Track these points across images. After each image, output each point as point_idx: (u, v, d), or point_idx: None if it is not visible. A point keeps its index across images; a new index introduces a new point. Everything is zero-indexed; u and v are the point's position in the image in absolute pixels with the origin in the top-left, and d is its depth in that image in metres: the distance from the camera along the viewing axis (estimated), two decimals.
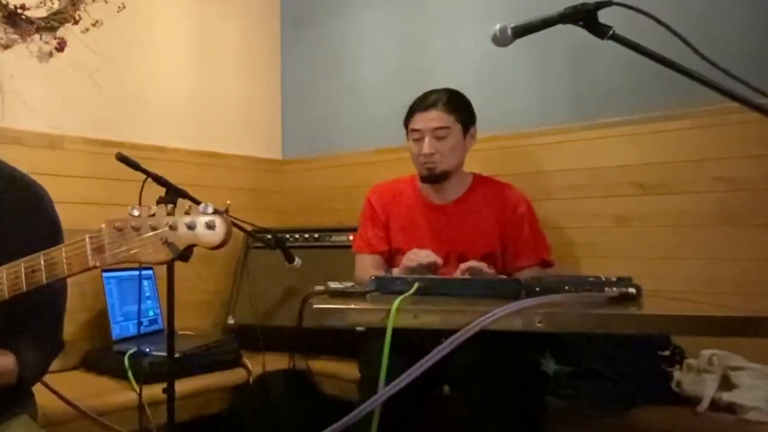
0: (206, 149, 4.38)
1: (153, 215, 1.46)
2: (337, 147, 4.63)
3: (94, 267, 1.52)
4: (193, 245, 1.44)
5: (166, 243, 1.42)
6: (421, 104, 3.14)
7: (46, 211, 2.06)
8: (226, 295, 4.11)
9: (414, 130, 3.14)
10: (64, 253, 1.55)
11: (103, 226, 1.49)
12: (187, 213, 1.44)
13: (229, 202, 1.55)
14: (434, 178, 3.17)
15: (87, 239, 1.51)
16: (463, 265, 2.84)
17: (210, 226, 1.41)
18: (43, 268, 1.56)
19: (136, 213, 1.47)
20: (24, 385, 2.04)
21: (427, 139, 3.08)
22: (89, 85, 3.78)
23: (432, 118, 3.09)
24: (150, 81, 4.12)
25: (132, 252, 1.46)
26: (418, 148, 3.13)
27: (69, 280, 1.74)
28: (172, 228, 1.42)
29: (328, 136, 4.71)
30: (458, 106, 3.14)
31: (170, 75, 4.26)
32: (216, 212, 1.44)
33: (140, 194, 2.67)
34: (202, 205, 1.43)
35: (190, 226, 1.41)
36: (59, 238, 2.05)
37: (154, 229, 1.44)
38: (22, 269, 1.59)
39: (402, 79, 4.30)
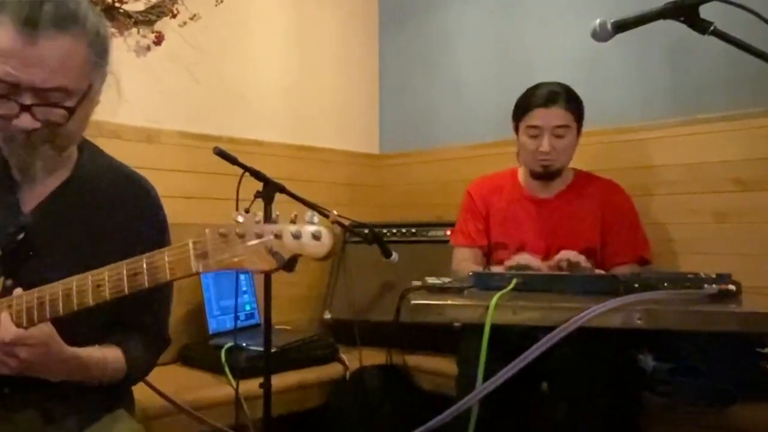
0: (303, 143, 4.38)
1: (258, 222, 1.44)
2: (434, 141, 4.60)
3: (197, 273, 1.51)
4: (298, 255, 1.41)
5: (271, 252, 1.40)
6: (540, 100, 3.08)
7: (153, 207, 2.07)
8: (323, 290, 4.10)
9: (532, 127, 3.08)
10: (167, 258, 1.53)
11: (207, 231, 1.47)
12: (292, 222, 1.42)
13: (335, 212, 1.52)
14: (548, 175, 3.15)
15: (191, 245, 1.49)
16: (562, 254, 2.83)
17: (316, 236, 1.38)
18: (145, 272, 1.55)
19: (240, 219, 1.45)
20: (130, 382, 2.06)
21: (546, 137, 3.05)
22: (187, 78, 3.80)
23: (554, 116, 3.05)
24: (247, 75, 4.13)
25: (236, 260, 1.44)
26: (534, 144, 3.08)
27: None
28: (278, 237, 1.40)
29: (425, 130, 4.68)
30: (576, 103, 3.10)
31: (268, 69, 4.26)
32: (322, 214, 1.41)
33: (237, 188, 2.69)
34: (308, 214, 1.40)
35: (296, 236, 1.39)
36: (166, 235, 2.07)
37: (259, 236, 1.42)
38: (124, 272, 1.57)
39: (500, 74, 4.26)
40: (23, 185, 1.88)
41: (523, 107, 3.15)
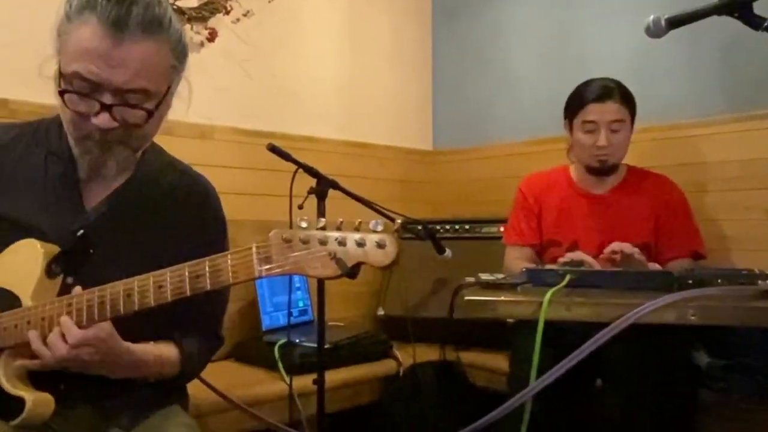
0: (357, 140, 4.39)
1: (322, 228, 1.43)
2: (488, 138, 4.59)
3: (260, 277, 1.50)
4: (362, 263, 1.41)
5: (335, 259, 1.39)
6: (594, 95, 3.07)
7: (213, 207, 2.09)
8: (376, 287, 4.11)
9: (588, 122, 3.07)
10: (230, 261, 1.53)
11: (271, 236, 1.47)
12: (356, 229, 1.41)
13: (399, 220, 1.52)
14: (605, 170, 3.14)
15: (254, 249, 1.49)
16: (615, 245, 2.82)
17: (380, 245, 1.37)
18: (207, 275, 1.56)
19: (304, 225, 1.44)
20: (184, 380, 2.08)
21: (603, 132, 3.03)
22: (240, 75, 3.82)
23: (609, 111, 3.04)
24: (300, 71, 4.14)
25: (299, 265, 1.43)
26: (590, 140, 3.07)
27: None
28: (341, 244, 1.39)
29: (479, 126, 4.67)
30: (630, 98, 3.09)
31: (321, 65, 4.26)
32: (389, 218, 1.41)
33: (291, 185, 2.70)
34: (372, 222, 1.39)
35: (360, 244, 1.38)
36: (225, 234, 2.10)
37: (322, 243, 1.41)
38: (186, 274, 1.58)
39: (554, 70, 4.25)
40: (87, 183, 1.90)
41: (576, 103, 3.13)
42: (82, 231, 1.82)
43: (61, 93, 1.70)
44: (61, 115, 1.80)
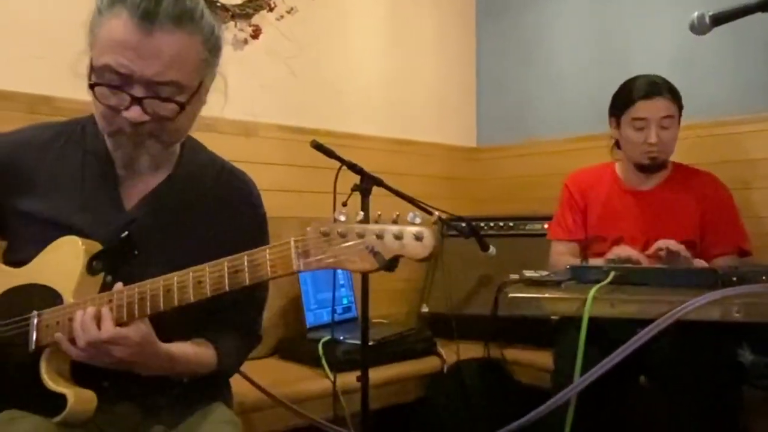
0: (400, 137, 4.39)
1: (360, 221, 1.43)
2: (531, 134, 4.59)
3: (298, 271, 1.50)
4: (400, 256, 1.40)
5: (373, 252, 1.38)
6: (642, 92, 3.05)
7: (254, 204, 2.08)
8: (420, 284, 4.12)
9: (638, 119, 3.05)
10: (268, 256, 1.53)
11: (309, 230, 1.46)
12: (394, 222, 1.40)
13: (438, 213, 1.51)
14: (655, 167, 3.12)
15: (292, 243, 1.49)
16: (661, 242, 2.80)
17: (418, 237, 1.36)
18: (246, 270, 1.55)
19: (342, 218, 1.43)
20: (220, 377, 2.06)
21: (653, 129, 3.01)
22: (284, 72, 3.82)
23: (659, 107, 3.02)
24: (344, 68, 4.15)
25: (337, 259, 1.43)
26: (640, 137, 3.06)
27: None
28: (379, 237, 1.39)
29: (522, 123, 4.67)
30: (677, 93, 3.07)
31: (365, 62, 4.27)
32: (426, 212, 1.40)
33: (335, 182, 2.70)
34: (410, 215, 1.38)
35: (398, 236, 1.37)
36: (266, 231, 2.08)
37: (360, 236, 1.40)
38: (226, 269, 1.58)
39: (597, 67, 4.25)
40: (126, 181, 1.90)
41: (624, 100, 3.12)
42: (126, 233, 1.82)
43: (92, 86, 1.70)
44: (93, 110, 1.79)
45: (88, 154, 1.92)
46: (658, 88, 3.03)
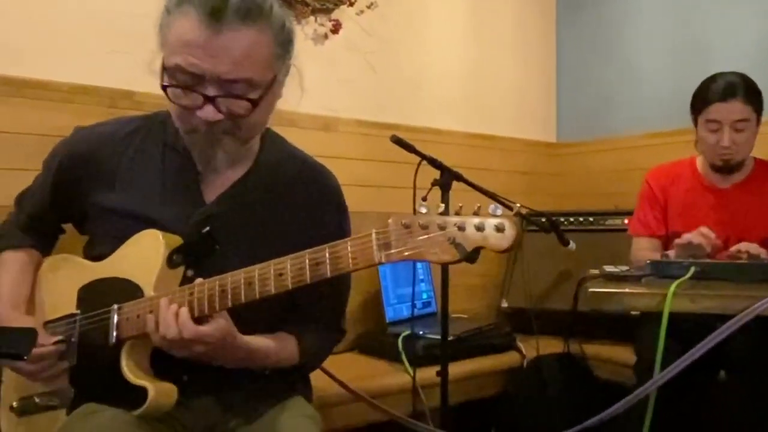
0: (480, 132, 4.38)
1: (441, 213, 1.42)
2: (612, 130, 4.57)
3: (379, 263, 1.49)
4: (481, 247, 1.39)
5: (454, 243, 1.38)
6: (719, 93, 3.02)
7: (335, 198, 2.07)
8: (500, 278, 4.10)
9: (711, 121, 3.03)
10: (349, 248, 1.52)
11: (390, 221, 1.46)
12: (475, 213, 1.39)
13: (518, 204, 1.50)
14: (728, 168, 3.10)
15: (373, 235, 1.48)
16: (742, 245, 2.76)
17: (499, 228, 1.36)
18: (327, 262, 1.54)
19: (423, 210, 1.43)
20: (303, 371, 2.08)
21: (726, 132, 2.99)
22: (364, 67, 3.84)
23: (733, 111, 2.99)
24: (424, 63, 4.15)
25: (418, 250, 1.42)
26: (714, 139, 3.03)
27: None
28: (461, 228, 1.38)
29: (603, 118, 4.65)
30: (755, 95, 3.03)
31: (444, 57, 4.27)
32: (506, 206, 1.40)
33: (414, 177, 2.69)
34: (491, 206, 1.38)
35: (479, 228, 1.37)
36: (347, 225, 2.07)
37: (441, 228, 1.40)
38: (307, 261, 1.57)
39: (679, 62, 4.21)
40: (206, 175, 1.90)
41: (701, 101, 3.10)
42: (207, 228, 1.83)
43: (164, 88, 1.70)
44: (170, 108, 1.80)
45: (168, 148, 1.93)
46: (733, 90, 2.99)
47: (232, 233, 1.86)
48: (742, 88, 2.99)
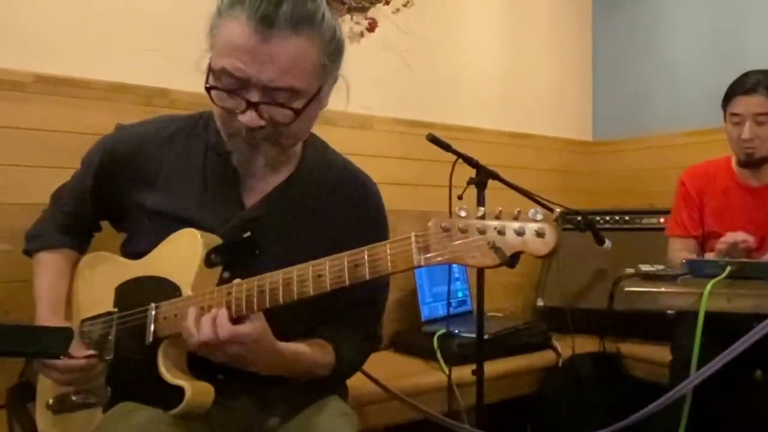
0: (515, 130, 4.38)
1: (480, 217, 1.42)
2: (648, 128, 4.56)
3: (418, 266, 1.48)
4: (521, 252, 1.38)
5: (494, 248, 1.37)
6: (741, 87, 3.05)
7: (375, 207, 2.05)
8: (535, 277, 4.11)
9: (734, 114, 3.06)
10: (388, 250, 1.51)
11: (430, 225, 1.45)
12: (515, 218, 1.39)
13: (558, 210, 1.50)
14: (752, 163, 3.10)
15: (413, 238, 1.47)
16: None
17: (540, 234, 1.35)
18: (366, 264, 1.53)
19: (462, 214, 1.42)
20: (338, 379, 2.04)
21: (747, 124, 3.01)
22: (400, 65, 3.85)
23: (754, 103, 3.00)
24: (460, 61, 4.15)
25: (457, 255, 1.41)
26: (737, 132, 3.05)
27: None
28: (500, 233, 1.37)
29: (639, 117, 4.65)
30: None
31: (480, 56, 4.27)
32: (547, 208, 1.39)
33: (451, 175, 2.70)
34: (531, 211, 1.37)
35: (519, 233, 1.36)
36: (386, 233, 2.02)
37: (481, 232, 1.39)
38: (345, 263, 1.56)
39: (716, 60, 4.21)
40: (246, 179, 1.89)
41: (727, 94, 3.12)
42: (249, 233, 1.82)
43: (208, 89, 1.69)
44: (213, 110, 1.79)
45: (210, 150, 1.91)
46: (756, 84, 3.01)
47: (271, 238, 1.85)
48: (765, 82, 3.01)
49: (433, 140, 2.77)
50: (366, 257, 1.54)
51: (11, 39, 2.70)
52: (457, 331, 3.19)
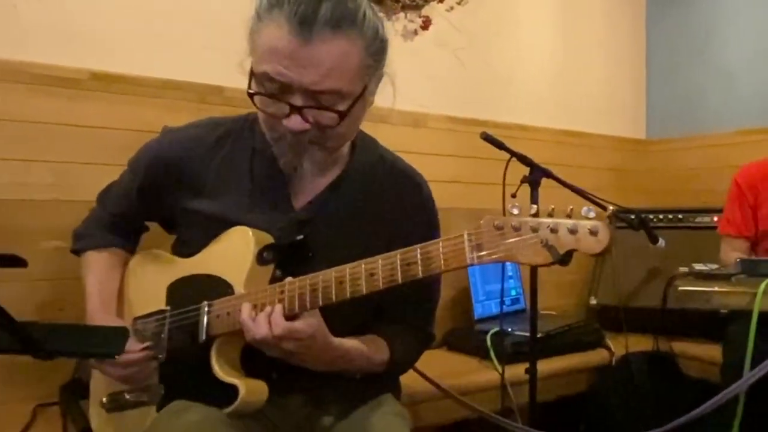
0: (569, 128, 4.37)
1: (533, 215, 1.41)
2: (702, 127, 4.53)
3: (471, 264, 1.48)
4: (573, 250, 1.38)
5: (547, 246, 1.37)
6: None
7: (426, 204, 2.04)
8: (589, 276, 4.10)
9: None
10: (441, 248, 1.51)
11: (483, 223, 1.45)
12: (568, 216, 1.39)
13: (611, 208, 1.50)
14: None
15: (465, 236, 1.47)
16: None
17: (593, 232, 1.35)
18: (419, 262, 1.53)
19: (515, 211, 1.42)
20: (393, 374, 2.06)
21: None
22: (453, 63, 3.85)
23: None
24: (514, 59, 4.15)
25: (510, 252, 1.42)
26: None
27: None
28: (553, 231, 1.37)
29: (693, 115, 4.62)
30: None
31: (534, 53, 4.27)
32: (600, 206, 1.39)
33: (504, 173, 2.68)
34: (584, 209, 1.36)
35: (572, 231, 1.36)
36: (437, 231, 2.02)
37: (534, 230, 1.39)
38: (398, 261, 1.56)
39: None
40: (294, 181, 1.88)
41: None
42: (302, 236, 1.82)
43: (251, 95, 1.69)
44: (258, 114, 1.79)
45: (257, 153, 1.90)
46: None
47: (322, 239, 1.84)
48: None
49: (487, 138, 2.76)
50: (419, 255, 1.54)
51: (67, 37, 2.73)
52: (510, 330, 3.18)
